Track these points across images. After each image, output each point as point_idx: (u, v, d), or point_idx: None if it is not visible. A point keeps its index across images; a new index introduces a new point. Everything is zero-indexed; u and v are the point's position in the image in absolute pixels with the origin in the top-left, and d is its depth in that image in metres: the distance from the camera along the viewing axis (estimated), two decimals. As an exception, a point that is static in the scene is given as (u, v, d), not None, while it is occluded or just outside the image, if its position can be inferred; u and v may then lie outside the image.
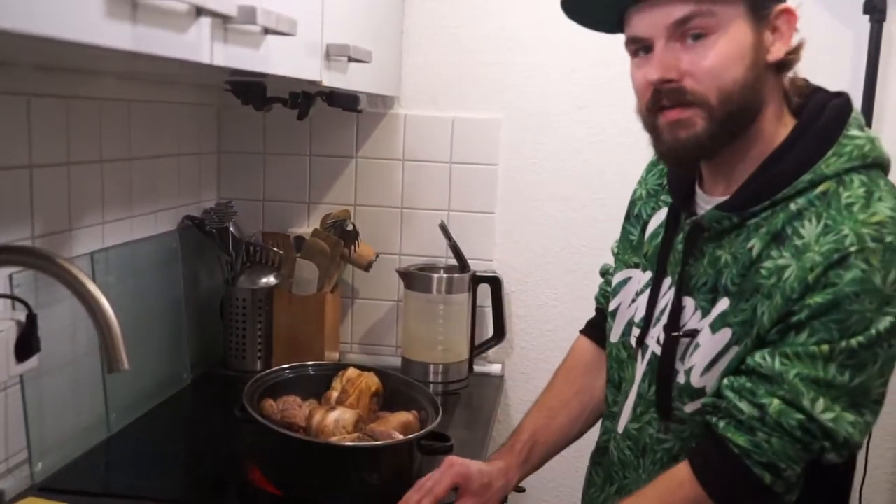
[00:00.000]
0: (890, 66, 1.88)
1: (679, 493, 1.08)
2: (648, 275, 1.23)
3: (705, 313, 1.10)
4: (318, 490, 1.31)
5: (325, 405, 1.45)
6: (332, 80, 1.42)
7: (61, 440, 1.42)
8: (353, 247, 1.95)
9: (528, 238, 2.05)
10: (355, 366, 1.54)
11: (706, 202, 1.15)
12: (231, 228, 1.90)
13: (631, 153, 1.84)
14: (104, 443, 1.52)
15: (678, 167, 1.17)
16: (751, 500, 1.06)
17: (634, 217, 1.31)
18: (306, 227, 2.05)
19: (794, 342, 1.00)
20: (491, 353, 2.04)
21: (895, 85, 1.88)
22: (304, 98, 1.56)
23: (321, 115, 2.01)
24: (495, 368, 2.07)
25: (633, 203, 1.33)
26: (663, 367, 1.15)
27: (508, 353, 2.09)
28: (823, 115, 1.08)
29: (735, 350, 1.07)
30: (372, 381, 1.51)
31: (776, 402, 1.01)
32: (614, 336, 1.29)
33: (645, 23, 1.05)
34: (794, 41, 1.07)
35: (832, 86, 1.90)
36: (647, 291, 1.22)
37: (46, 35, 0.65)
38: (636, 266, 1.27)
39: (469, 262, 1.96)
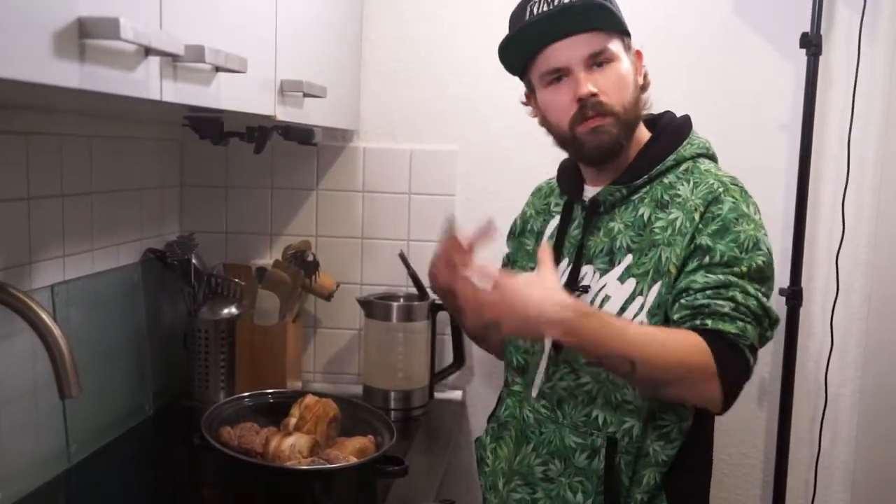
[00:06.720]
0: (828, 96, 1.96)
1: (696, 355, 1.23)
2: None
3: (604, 273, 1.37)
4: (274, 514, 1.33)
5: (283, 431, 1.47)
6: (287, 114, 1.46)
7: (20, 471, 1.43)
8: (313, 277, 1.99)
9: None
10: (314, 393, 1.57)
11: (594, 192, 1.43)
12: (193, 260, 1.93)
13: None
14: (64, 474, 1.54)
15: (599, 164, 1.42)
16: (742, 381, 1.28)
17: (528, 232, 1.59)
18: (268, 259, 2.09)
19: (712, 260, 1.27)
20: (451, 379, 2.07)
21: (834, 114, 1.96)
22: (259, 132, 1.60)
23: (282, 148, 2.05)
24: (456, 395, 2.10)
25: (524, 222, 1.62)
26: None
27: (469, 379, 2.13)
28: (675, 121, 1.46)
29: (641, 299, 1.31)
30: (329, 408, 1.54)
31: (739, 293, 1.25)
32: None
33: (564, 55, 1.34)
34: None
35: (777, 115, 1.98)
36: None
37: (-5, 75, 0.68)
38: (533, 269, 1.47)
39: (428, 290, 2.00)
